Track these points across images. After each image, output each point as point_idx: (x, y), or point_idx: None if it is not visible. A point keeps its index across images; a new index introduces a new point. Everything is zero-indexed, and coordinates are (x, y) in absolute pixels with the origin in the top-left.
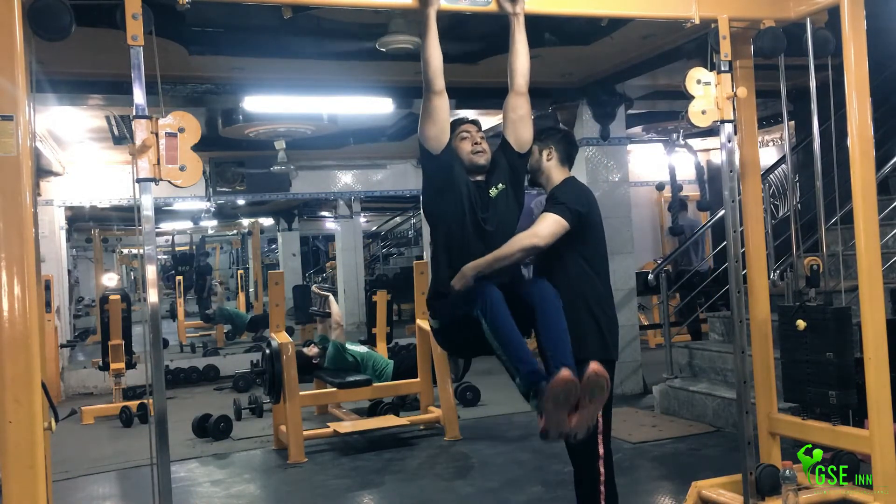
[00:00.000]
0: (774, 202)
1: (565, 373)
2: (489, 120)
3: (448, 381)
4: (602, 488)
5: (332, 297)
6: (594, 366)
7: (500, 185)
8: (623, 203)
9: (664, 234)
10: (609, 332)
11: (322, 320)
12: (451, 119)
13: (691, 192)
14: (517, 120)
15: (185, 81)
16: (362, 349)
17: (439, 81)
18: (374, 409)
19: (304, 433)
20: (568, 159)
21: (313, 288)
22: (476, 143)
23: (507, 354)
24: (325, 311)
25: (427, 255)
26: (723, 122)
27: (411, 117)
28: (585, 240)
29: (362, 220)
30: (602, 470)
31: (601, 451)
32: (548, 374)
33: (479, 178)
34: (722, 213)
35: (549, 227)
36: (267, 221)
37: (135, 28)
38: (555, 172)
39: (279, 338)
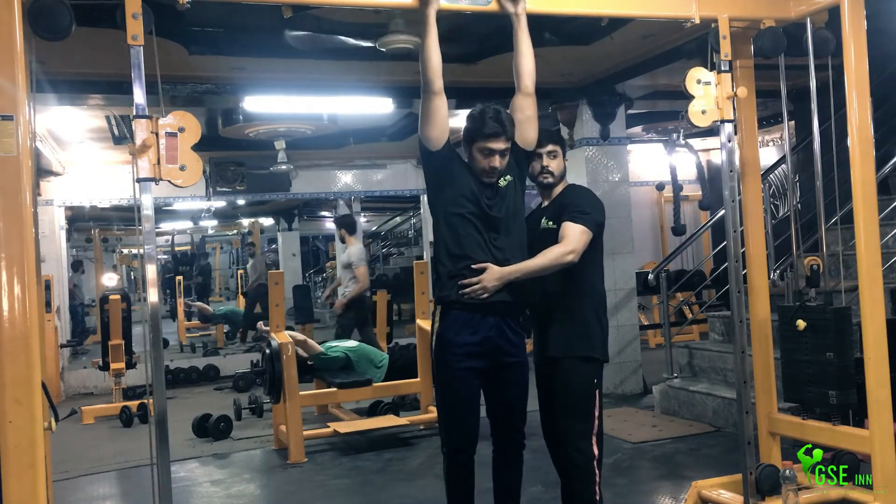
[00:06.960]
0: (774, 202)
1: None
2: None
3: None
4: (597, 489)
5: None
6: None
7: (508, 176)
8: (623, 203)
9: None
10: (607, 335)
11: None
12: (483, 129)
13: (691, 192)
14: (524, 120)
15: (185, 81)
16: (351, 343)
17: (438, 82)
18: (374, 409)
19: (304, 433)
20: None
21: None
22: (493, 167)
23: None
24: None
25: (427, 255)
26: (723, 121)
27: (411, 117)
28: (598, 245)
29: (362, 220)
30: (597, 471)
31: (595, 452)
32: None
33: None
34: (722, 212)
35: (583, 241)
36: (267, 221)
37: (135, 28)
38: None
39: (279, 338)
